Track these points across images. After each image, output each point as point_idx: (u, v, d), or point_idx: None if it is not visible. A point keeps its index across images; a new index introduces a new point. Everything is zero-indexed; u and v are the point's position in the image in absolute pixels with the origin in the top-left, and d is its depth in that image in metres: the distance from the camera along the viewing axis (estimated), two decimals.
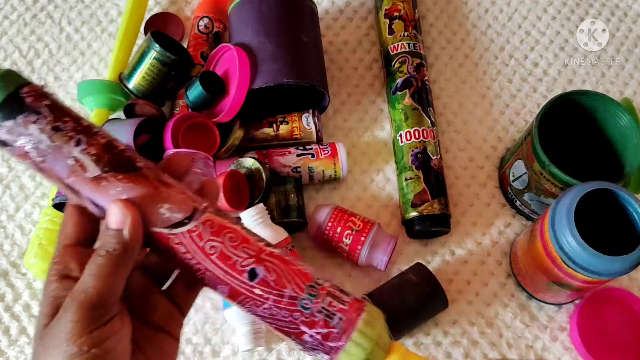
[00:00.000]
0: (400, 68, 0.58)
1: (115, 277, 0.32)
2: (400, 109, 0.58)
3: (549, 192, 0.66)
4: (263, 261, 0.35)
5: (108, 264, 0.32)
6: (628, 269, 0.56)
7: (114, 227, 0.33)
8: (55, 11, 0.88)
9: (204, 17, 0.81)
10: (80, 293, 0.31)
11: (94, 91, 0.76)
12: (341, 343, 0.35)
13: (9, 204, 0.75)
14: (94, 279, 0.31)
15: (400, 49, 0.58)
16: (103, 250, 0.32)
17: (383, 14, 0.75)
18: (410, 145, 0.55)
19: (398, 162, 0.56)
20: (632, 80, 0.84)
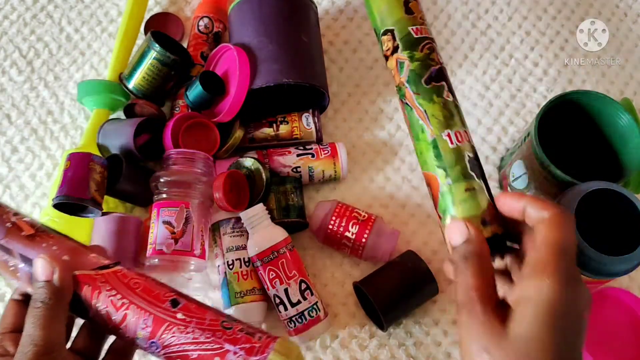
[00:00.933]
0: (431, 55, 0.50)
1: (56, 323, 0.37)
2: (442, 102, 0.49)
3: (549, 192, 0.66)
4: (182, 295, 0.41)
5: (47, 313, 0.36)
6: (628, 269, 0.56)
7: (42, 279, 0.38)
8: (55, 11, 0.88)
9: (204, 17, 0.81)
10: (29, 345, 0.35)
11: (94, 91, 0.76)
12: (265, 355, 0.38)
13: (9, 203, 0.75)
14: (38, 329, 0.36)
15: (424, 34, 0.51)
16: (38, 302, 0.37)
17: None
18: (464, 148, 0.47)
19: (448, 168, 0.44)
20: (632, 80, 0.84)
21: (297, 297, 0.63)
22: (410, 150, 0.79)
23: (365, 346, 0.68)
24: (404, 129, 0.80)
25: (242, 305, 0.65)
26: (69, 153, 0.67)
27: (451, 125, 0.48)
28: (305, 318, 0.63)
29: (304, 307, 0.63)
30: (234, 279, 0.66)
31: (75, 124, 0.80)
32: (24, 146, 0.79)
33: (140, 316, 0.39)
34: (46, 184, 0.76)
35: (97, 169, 0.66)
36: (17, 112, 0.81)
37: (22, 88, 0.83)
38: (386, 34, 0.52)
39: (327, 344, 0.68)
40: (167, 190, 0.66)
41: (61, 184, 0.64)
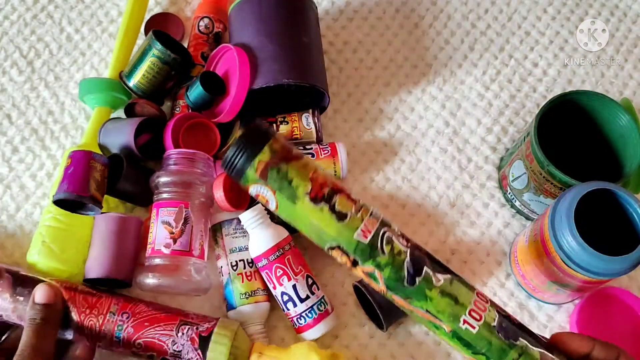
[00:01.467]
0: (396, 249, 0.42)
1: (50, 337, 0.47)
2: (438, 293, 0.42)
3: (549, 192, 0.67)
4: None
5: (44, 329, 0.46)
6: (628, 269, 0.56)
7: (40, 302, 0.49)
8: (55, 11, 0.88)
9: (204, 18, 0.81)
10: (27, 348, 0.45)
11: (95, 89, 0.76)
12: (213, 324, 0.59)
13: (10, 204, 0.76)
14: (36, 339, 0.46)
15: (373, 228, 0.42)
16: (39, 319, 0.48)
17: (308, 201, 0.42)
18: (488, 319, 0.41)
19: (486, 352, 0.41)
20: (632, 81, 0.84)
21: (305, 292, 0.64)
22: (410, 150, 0.79)
23: (365, 346, 0.68)
24: (404, 129, 0.80)
25: (247, 306, 0.65)
26: (71, 150, 0.67)
27: (462, 307, 0.41)
28: (315, 312, 0.64)
29: (312, 302, 0.64)
30: (238, 280, 0.66)
31: (75, 124, 0.80)
32: (25, 146, 0.79)
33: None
34: (47, 184, 0.77)
35: (98, 167, 0.66)
36: (18, 112, 0.81)
37: (22, 88, 0.83)
38: (333, 249, 0.43)
39: (327, 343, 0.68)
40: (166, 190, 0.66)
41: (62, 181, 0.65)
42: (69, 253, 0.68)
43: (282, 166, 0.41)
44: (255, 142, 0.40)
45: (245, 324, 0.65)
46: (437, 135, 0.80)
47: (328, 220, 0.41)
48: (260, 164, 0.40)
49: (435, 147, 0.79)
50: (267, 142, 0.41)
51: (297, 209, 0.42)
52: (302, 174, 0.41)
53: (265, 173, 0.40)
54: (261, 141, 0.40)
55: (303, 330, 0.65)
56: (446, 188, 0.77)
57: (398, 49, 0.86)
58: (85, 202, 0.64)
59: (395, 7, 0.88)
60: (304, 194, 0.41)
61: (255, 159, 0.40)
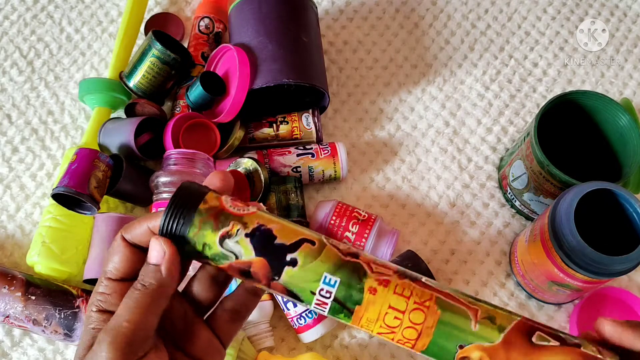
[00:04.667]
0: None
1: (149, 312, 0.32)
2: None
3: (549, 192, 0.67)
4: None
5: (143, 299, 0.32)
6: (628, 269, 0.56)
7: (153, 262, 0.33)
8: (55, 11, 0.88)
9: (204, 18, 0.81)
10: (114, 328, 0.31)
11: (95, 89, 0.76)
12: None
13: (10, 204, 0.76)
14: (129, 312, 0.31)
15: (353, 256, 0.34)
16: (139, 284, 0.32)
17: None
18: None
19: None
20: (632, 81, 0.84)
21: None
22: (410, 150, 0.79)
23: (365, 346, 0.68)
24: (404, 129, 0.80)
25: None
26: (77, 148, 0.67)
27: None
28: (314, 313, 0.64)
29: None
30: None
31: (75, 124, 0.80)
32: (25, 146, 0.79)
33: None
34: (47, 184, 0.77)
35: (101, 166, 0.66)
36: (18, 112, 0.81)
37: (22, 88, 0.83)
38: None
39: (327, 343, 0.68)
40: (166, 190, 0.66)
41: (63, 176, 0.65)
42: (69, 254, 0.68)
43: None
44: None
45: (251, 324, 0.65)
46: (437, 135, 0.80)
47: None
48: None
49: (435, 147, 0.79)
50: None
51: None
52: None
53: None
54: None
55: (303, 331, 0.65)
56: (446, 188, 0.77)
57: (398, 49, 0.86)
58: (83, 200, 0.64)
59: (395, 7, 0.89)
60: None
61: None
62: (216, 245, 0.33)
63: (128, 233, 0.34)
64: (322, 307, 0.33)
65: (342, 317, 0.33)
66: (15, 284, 0.64)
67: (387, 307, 0.33)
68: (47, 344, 0.68)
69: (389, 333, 0.33)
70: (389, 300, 0.33)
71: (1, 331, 0.68)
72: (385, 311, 0.33)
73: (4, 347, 0.68)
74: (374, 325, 0.33)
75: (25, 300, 0.63)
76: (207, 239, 0.33)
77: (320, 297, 0.33)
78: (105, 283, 0.33)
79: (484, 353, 0.32)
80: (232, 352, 0.60)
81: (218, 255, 0.33)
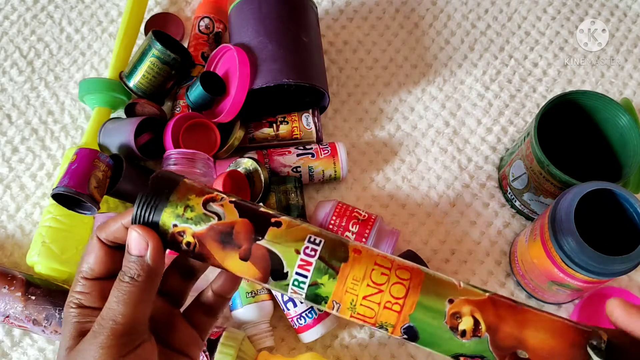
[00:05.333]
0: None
1: (142, 303, 0.32)
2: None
3: (549, 192, 0.67)
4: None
5: (134, 291, 0.32)
6: (628, 269, 0.56)
7: (135, 253, 0.33)
8: (55, 11, 0.88)
9: (204, 18, 0.81)
10: (110, 320, 0.31)
11: (95, 89, 0.76)
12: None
13: (10, 204, 0.76)
14: (122, 305, 0.32)
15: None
16: (127, 277, 0.32)
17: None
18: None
19: None
20: (632, 81, 0.84)
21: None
22: (410, 150, 0.79)
23: (365, 346, 0.68)
24: (404, 129, 0.80)
25: (253, 305, 0.65)
26: (77, 148, 0.67)
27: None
28: (315, 313, 0.64)
29: None
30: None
31: (75, 124, 0.80)
32: (25, 146, 0.79)
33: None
34: (47, 184, 0.77)
35: (101, 167, 0.66)
36: (18, 112, 0.81)
37: (22, 88, 0.83)
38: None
39: (327, 343, 0.68)
40: None
41: (63, 176, 0.65)
42: (69, 254, 0.68)
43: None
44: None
45: (251, 324, 0.65)
46: (437, 135, 0.80)
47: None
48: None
49: (435, 147, 0.79)
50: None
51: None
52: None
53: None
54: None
55: (303, 331, 0.65)
56: (446, 188, 0.77)
57: (398, 49, 0.86)
58: (83, 200, 0.64)
59: (395, 7, 0.88)
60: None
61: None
62: (199, 207, 0.33)
63: (103, 232, 0.34)
64: (305, 268, 0.32)
65: (325, 280, 0.32)
66: (15, 284, 0.64)
67: (373, 264, 0.32)
68: (47, 344, 0.68)
69: (376, 293, 0.32)
70: (374, 258, 0.32)
71: (1, 331, 0.68)
72: (372, 267, 0.32)
73: (4, 347, 0.68)
74: (359, 286, 0.32)
75: (25, 300, 0.63)
76: (190, 201, 0.33)
77: (305, 255, 0.32)
78: (82, 282, 0.34)
79: (474, 307, 0.31)
80: (232, 352, 0.60)
81: (199, 217, 0.33)
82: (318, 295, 0.32)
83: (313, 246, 0.32)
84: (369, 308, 0.32)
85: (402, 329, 0.32)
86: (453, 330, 0.31)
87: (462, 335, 0.31)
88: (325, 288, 0.32)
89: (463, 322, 0.31)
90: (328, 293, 0.32)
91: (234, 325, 0.67)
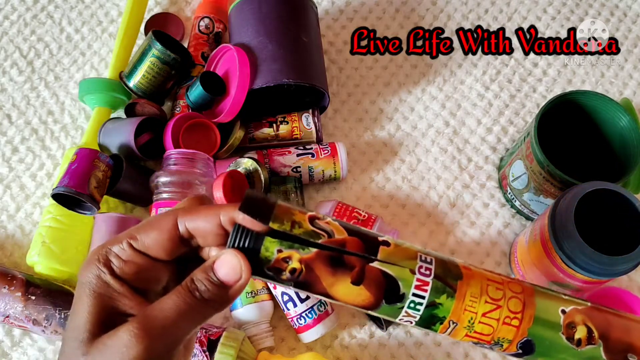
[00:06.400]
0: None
1: (196, 325, 0.29)
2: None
3: (549, 192, 0.67)
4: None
5: (201, 311, 0.29)
6: (628, 269, 0.56)
7: (224, 280, 0.29)
8: (55, 11, 0.88)
9: (204, 18, 0.81)
10: (161, 328, 0.27)
11: (95, 89, 0.76)
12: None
13: (10, 204, 0.76)
14: (179, 318, 0.28)
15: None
16: (198, 294, 0.29)
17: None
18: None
19: None
20: (632, 81, 0.84)
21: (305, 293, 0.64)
22: (410, 150, 0.79)
23: (365, 346, 0.68)
24: (404, 129, 0.80)
25: (254, 305, 0.65)
26: (77, 148, 0.67)
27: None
28: (315, 313, 0.64)
29: (313, 302, 0.64)
30: None
31: (75, 124, 0.80)
32: (25, 146, 0.79)
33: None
34: (47, 184, 0.77)
35: (101, 166, 0.66)
36: (18, 112, 0.81)
37: (22, 88, 0.83)
38: None
39: (327, 344, 0.68)
40: (166, 190, 0.66)
41: (63, 176, 0.65)
42: (69, 254, 0.68)
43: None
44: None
45: (251, 324, 0.65)
46: (437, 135, 0.80)
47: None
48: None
49: (435, 147, 0.79)
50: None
51: None
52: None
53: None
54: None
55: (303, 331, 0.65)
56: (446, 188, 0.77)
57: None
58: (83, 200, 0.64)
59: (395, 7, 0.88)
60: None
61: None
62: (307, 223, 0.30)
63: (187, 219, 0.30)
64: (422, 288, 0.30)
65: (444, 300, 0.30)
66: (15, 284, 0.64)
67: (486, 279, 0.31)
68: (47, 344, 0.68)
69: (495, 309, 0.31)
70: (484, 274, 0.32)
71: (1, 331, 0.68)
72: (487, 283, 0.31)
73: (4, 347, 0.68)
74: (478, 302, 0.31)
75: (25, 300, 0.63)
76: (296, 217, 0.30)
77: (421, 275, 0.30)
78: (125, 248, 0.29)
79: (585, 316, 0.31)
80: (232, 352, 0.60)
81: (309, 233, 0.30)
82: (434, 316, 0.31)
83: (426, 265, 0.31)
84: (487, 325, 0.31)
85: (519, 344, 0.32)
86: (569, 340, 0.31)
87: (577, 344, 0.31)
88: (443, 308, 0.31)
89: (578, 331, 0.31)
90: (446, 313, 0.31)
91: (234, 325, 0.67)
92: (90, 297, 0.28)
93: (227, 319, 0.69)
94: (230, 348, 0.60)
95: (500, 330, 0.31)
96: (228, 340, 0.61)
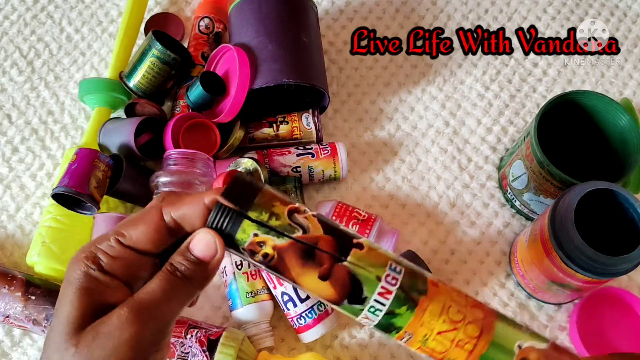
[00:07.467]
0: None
1: (183, 304, 0.30)
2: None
3: (549, 192, 0.67)
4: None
5: (184, 289, 0.30)
6: (628, 269, 0.56)
7: (200, 257, 0.31)
8: (55, 11, 0.88)
9: (204, 18, 0.81)
10: (150, 309, 0.28)
11: (95, 89, 0.76)
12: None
13: (10, 204, 0.76)
14: (166, 299, 0.29)
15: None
16: (180, 273, 0.30)
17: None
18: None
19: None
20: (632, 81, 0.84)
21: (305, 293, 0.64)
22: (410, 150, 0.79)
23: (365, 346, 0.68)
24: (404, 129, 0.80)
25: (254, 305, 0.65)
26: (77, 148, 0.67)
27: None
28: (315, 313, 0.64)
29: (313, 302, 0.64)
30: (243, 279, 0.66)
31: (75, 124, 0.80)
32: (25, 146, 0.79)
33: None
34: (47, 184, 0.77)
35: (101, 167, 0.66)
36: (18, 112, 0.81)
37: (22, 88, 0.83)
38: None
39: (327, 343, 0.68)
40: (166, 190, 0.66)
41: (63, 176, 0.65)
42: (69, 254, 0.68)
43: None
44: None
45: (251, 324, 0.65)
46: (437, 135, 0.80)
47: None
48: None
49: (435, 147, 0.79)
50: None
51: None
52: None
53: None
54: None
55: (303, 331, 0.65)
56: (446, 188, 0.77)
57: None
58: (83, 200, 0.64)
59: (395, 7, 0.88)
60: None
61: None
62: (284, 216, 0.31)
63: (172, 209, 0.31)
64: (385, 296, 0.31)
65: (403, 311, 0.31)
66: (15, 284, 0.64)
67: (450, 299, 0.31)
68: None
69: (451, 330, 0.31)
70: (450, 294, 0.32)
71: (1, 331, 0.68)
72: (449, 304, 0.31)
73: (4, 347, 0.68)
74: (436, 321, 0.31)
75: (25, 300, 0.63)
76: (275, 209, 0.31)
77: (386, 283, 0.31)
78: (113, 244, 0.30)
79: (540, 356, 0.31)
80: (232, 352, 0.60)
81: (284, 227, 0.31)
82: (392, 324, 0.32)
83: (394, 274, 0.31)
84: (440, 344, 0.31)
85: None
86: None
87: None
88: (401, 318, 0.31)
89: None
90: (403, 323, 0.31)
91: (234, 325, 0.67)
92: (77, 292, 0.29)
93: (227, 319, 0.69)
94: (230, 348, 0.60)
95: (452, 351, 0.31)
96: (228, 340, 0.61)
